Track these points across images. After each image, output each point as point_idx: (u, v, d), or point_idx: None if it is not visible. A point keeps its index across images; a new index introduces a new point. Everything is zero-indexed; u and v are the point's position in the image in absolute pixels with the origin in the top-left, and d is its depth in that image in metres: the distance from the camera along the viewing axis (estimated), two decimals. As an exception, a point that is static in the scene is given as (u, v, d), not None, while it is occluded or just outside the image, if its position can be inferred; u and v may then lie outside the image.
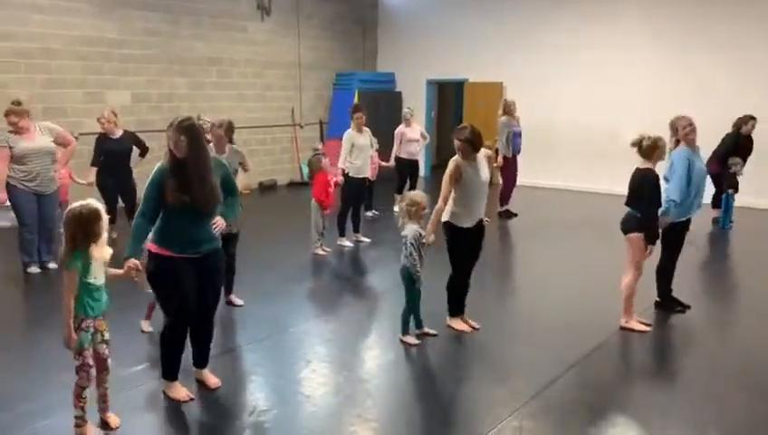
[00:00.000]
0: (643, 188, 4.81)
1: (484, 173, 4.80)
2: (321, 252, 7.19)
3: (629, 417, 3.76)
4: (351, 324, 5.26)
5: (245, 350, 4.66)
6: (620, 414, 3.80)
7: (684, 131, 5.16)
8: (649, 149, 4.78)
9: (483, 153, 4.84)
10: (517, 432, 3.51)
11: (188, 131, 3.50)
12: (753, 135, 8.64)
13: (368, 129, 7.78)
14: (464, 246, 4.85)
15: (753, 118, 8.54)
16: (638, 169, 4.89)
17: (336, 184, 7.35)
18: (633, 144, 4.85)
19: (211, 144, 5.10)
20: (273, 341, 4.81)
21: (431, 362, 4.56)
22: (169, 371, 3.82)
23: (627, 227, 4.94)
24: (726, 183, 8.52)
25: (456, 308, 5.02)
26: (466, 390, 4.11)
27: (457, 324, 4.99)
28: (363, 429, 3.57)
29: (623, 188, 5.02)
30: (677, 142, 5.22)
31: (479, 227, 4.90)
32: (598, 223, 8.94)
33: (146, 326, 4.78)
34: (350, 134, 7.54)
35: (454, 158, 4.76)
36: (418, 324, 4.84)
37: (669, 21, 10.56)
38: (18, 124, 6.03)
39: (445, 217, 4.79)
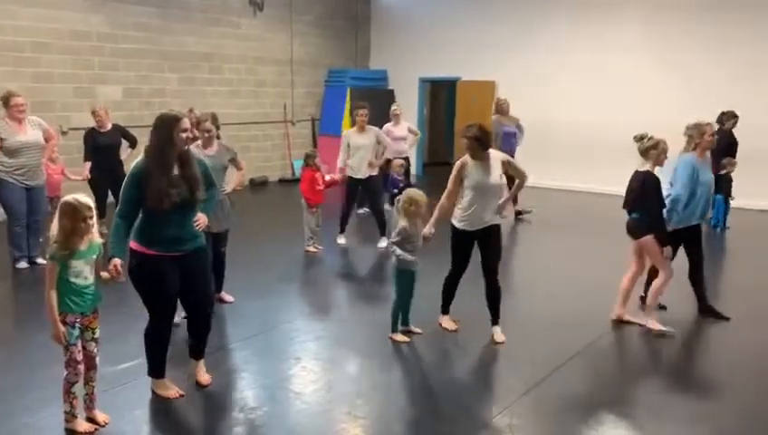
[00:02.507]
0: (646, 191, 4.73)
1: (495, 175, 4.60)
2: (312, 249, 7.16)
3: (622, 414, 3.76)
4: (342, 322, 5.24)
5: (235, 347, 4.63)
6: (613, 411, 3.80)
7: (709, 138, 5.05)
8: (647, 148, 4.74)
9: (497, 155, 4.70)
10: (508, 429, 3.51)
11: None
12: (748, 136, 8.73)
13: (373, 127, 7.45)
14: (464, 248, 4.75)
15: (735, 116, 8.64)
16: (637, 172, 4.82)
17: (333, 182, 7.26)
18: (636, 138, 4.80)
19: (198, 141, 5.00)
20: (263, 338, 4.79)
21: (421, 360, 4.55)
22: (156, 368, 3.79)
23: (636, 232, 4.88)
24: (725, 189, 8.53)
25: (447, 306, 5.01)
26: (457, 386, 4.10)
27: (447, 323, 4.98)
28: (353, 426, 3.56)
29: (618, 188, 4.96)
30: (696, 147, 5.07)
31: (486, 230, 4.66)
32: (592, 222, 9.03)
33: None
34: (346, 133, 7.44)
35: (463, 156, 4.71)
36: (405, 322, 4.82)
37: (666, 22, 10.58)
38: (23, 108, 6.08)
39: (452, 218, 4.75)
